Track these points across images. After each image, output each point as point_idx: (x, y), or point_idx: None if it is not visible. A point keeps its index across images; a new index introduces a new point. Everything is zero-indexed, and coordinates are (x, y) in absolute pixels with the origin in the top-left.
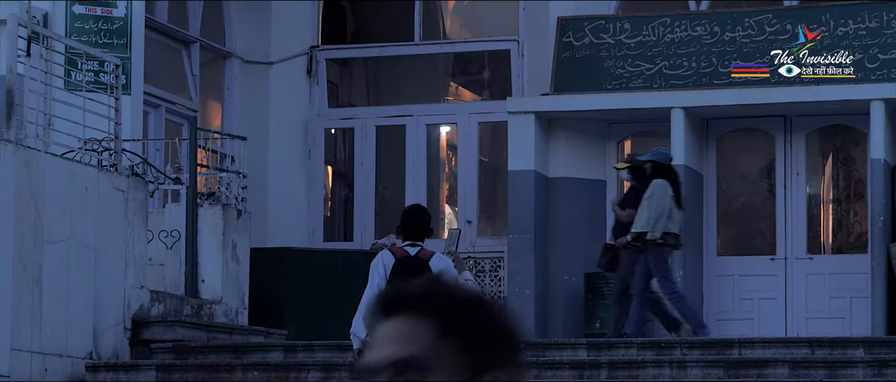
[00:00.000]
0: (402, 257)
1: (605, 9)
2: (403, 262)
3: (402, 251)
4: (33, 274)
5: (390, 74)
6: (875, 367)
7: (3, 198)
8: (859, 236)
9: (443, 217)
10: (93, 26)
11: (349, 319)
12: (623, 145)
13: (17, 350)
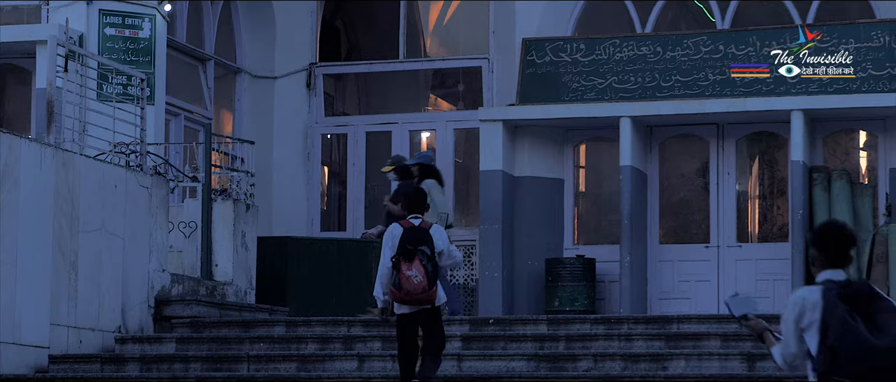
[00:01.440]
0: (409, 227)
1: (563, 31)
2: (410, 231)
3: (408, 223)
4: (70, 260)
5: (378, 87)
6: None
7: (43, 194)
8: (781, 227)
9: None
10: (122, 46)
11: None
12: (579, 149)
13: (55, 324)
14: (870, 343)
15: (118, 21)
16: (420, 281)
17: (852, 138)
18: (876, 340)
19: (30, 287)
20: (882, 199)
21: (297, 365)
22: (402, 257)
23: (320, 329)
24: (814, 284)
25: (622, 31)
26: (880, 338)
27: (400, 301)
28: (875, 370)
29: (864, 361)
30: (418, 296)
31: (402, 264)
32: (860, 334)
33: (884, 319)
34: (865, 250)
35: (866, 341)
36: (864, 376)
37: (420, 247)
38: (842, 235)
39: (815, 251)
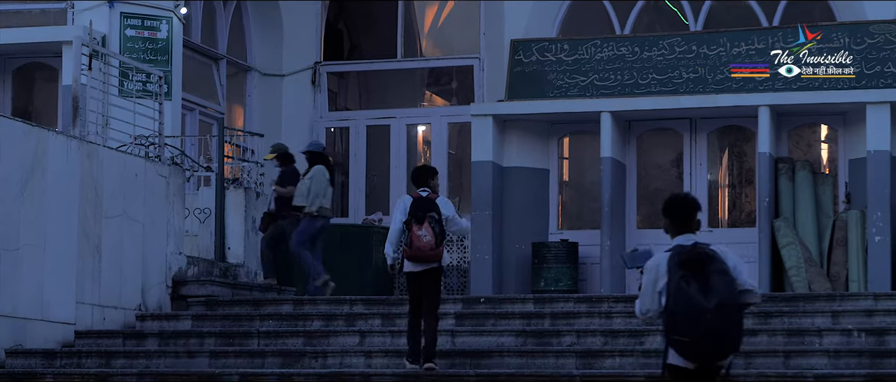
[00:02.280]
0: (417, 198)
1: (548, 32)
2: (418, 201)
3: (417, 194)
4: (94, 243)
5: (378, 84)
6: (762, 317)
7: (70, 183)
8: (749, 213)
9: None
10: (141, 46)
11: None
12: (563, 141)
13: (81, 303)
14: (700, 306)
15: (138, 23)
16: (429, 240)
17: (815, 131)
18: (705, 301)
19: (57, 268)
20: (842, 188)
21: (303, 341)
22: (414, 220)
23: (325, 307)
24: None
25: (603, 33)
26: (709, 299)
27: (411, 258)
28: (706, 328)
29: (697, 322)
30: (427, 254)
31: (413, 226)
32: (692, 297)
33: (715, 281)
34: (827, 235)
35: (697, 304)
36: (698, 335)
37: (429, 213)
38: (686, 203)
39: (667, 220)
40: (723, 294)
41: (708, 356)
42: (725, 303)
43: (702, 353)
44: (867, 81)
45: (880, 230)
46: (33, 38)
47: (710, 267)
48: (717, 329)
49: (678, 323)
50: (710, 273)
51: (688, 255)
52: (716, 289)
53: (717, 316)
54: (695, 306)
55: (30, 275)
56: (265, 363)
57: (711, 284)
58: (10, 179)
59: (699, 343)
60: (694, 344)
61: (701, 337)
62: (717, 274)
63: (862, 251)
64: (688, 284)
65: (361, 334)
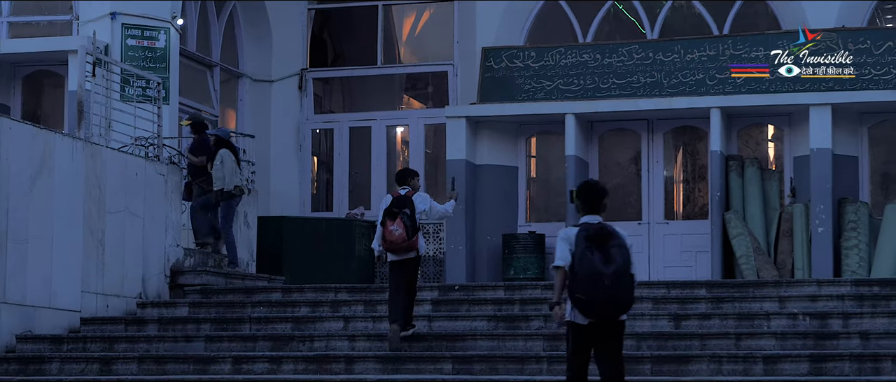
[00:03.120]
0: (397, 196)
1: (516, 41)
2: (397, 198)
3: (397, 192)
4: (97, 237)
5: (359, 89)
6: (714, 302)
7: (75, 181)
8: (702, 207)
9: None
10: (141, 54)
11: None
12: (530, 141)
13: (86, 292)
14: (600, 272)
15: (138, 33)
16: (400, 234)
17: (762, 131)
18: (605, 268)
19: (64, 260)
20: (787, 183)
21: (292, 326)
22: (387, 217)
23: (311, 294)
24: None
25: (567, 41)
26: (608, 267)
27: (388, 249)
28: (604, 290)
29: (597, 284)
30: (400, 245)
31: (387, 222)
32: (594, 263)
33: (614, 253)
34: (773, 227)
35: (598, 270)
36: (596, 293)
37: (403, 210)
38: (595, 190)
39: (578, 202)
40: (620, 263)
41: (604, 314)
42: (621, 271)
43: (600, 312)
44: (810, 85)
45: (823, 221)
46: (41, 47)
47: (611, 241)
48: (612, 292)
49: (580, 284)
50: (611, 246)
51: (594, 231)
52: (614, 260)
53: (613, 281)
54: (596, 272)
55: (38, 267)
56: (256, 346)
57: (611, 255)
58: (20, 178)
59: (598, 302)
60: (592, 304)
61: (599, 298)
62: (616, 247)
63: (806, 241)
64: (592, 254)
65: (345, 319)
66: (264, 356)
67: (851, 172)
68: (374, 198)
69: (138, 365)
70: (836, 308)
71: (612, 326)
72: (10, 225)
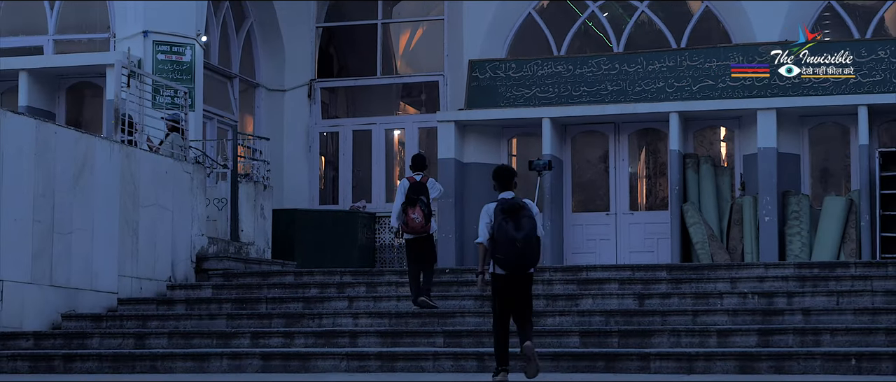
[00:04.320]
0: (413, 182)
1: (499, 54)
2: (414, 185)
3: (413, 178)
4: (132, 227)
5: (361, 97)
6: (673, 283)
7: (112, 178)
8: (662, 199)
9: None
10: (170, 67)
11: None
12: (511, 142)
13: (122, 276)
14: (513, 237)
15: (167, 49)
16: (419, 221)
17: (715, 132)
18: (516, 233)
19: (103, 248)
20: (737, 178)
21: (302, 305)
22: (408, 204)
23: (320, 277)
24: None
25: (543, 54)
26: (519, 232)
27: (407, 232)
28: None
29: (510, 246)
30: (419, 229)
31: (408, 209)
32: (508, 230)
33: (524, 222)
34: (726, 216)
35: (512, 235)
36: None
37: (420, 197)
38: (507, 172)
39: (495, 183)
40: (528, 230)
41: (516, 267)
42: (529, 236)
43: (513, 266)
44: (760, 91)
45: (769, 212)
46: (83, 62)
47: (521, 212)
48: (522, 251)
49: (499, 247)
50: (521, 216)
51: (508, 205)
52: (523, 227)
53: (523, 245)
54: (510, 237)
55: (80, 254)
56: (272, 323)
57: (522, 224)
58: (65, 176)
59: (511, 260)
60: (508, 261)
61: (513, 257)
62: (526, 217)
63: (754, 229)
64: (506, 223)
65: (350, 299)
66: (279, 331)
67: (794, 168)
68: (375, 193)
69: (168, 340)
70: (781, 288)
71: (523, 277)
72: (56, 218)
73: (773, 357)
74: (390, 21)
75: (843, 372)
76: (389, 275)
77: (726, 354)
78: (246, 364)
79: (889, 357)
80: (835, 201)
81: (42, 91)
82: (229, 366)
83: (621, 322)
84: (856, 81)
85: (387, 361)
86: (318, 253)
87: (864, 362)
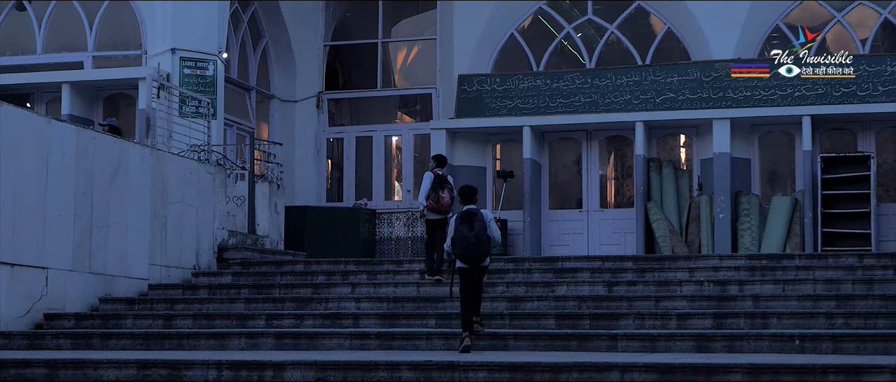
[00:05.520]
0: (437, 175)
1: (485, 69)
2: (439, 176)
3: (436, 172)
4: (161, 221)
5: (363, 107)
6: (638, 272)
7: (144, 178)
8: (629, 198)
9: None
10: (194, 80)
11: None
12: (496, 147)
13: (152, 264)
14: (467, 236)
15: (192, 64)
16: (448, 200)
17: (676, 139)
18: (469, 234)
19: (135, 240)
20: (695, 180)
21: (311, 290)
22: (439, 187)
23: (326, 266)
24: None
25: (524, 70)
26: (470, 233)
27: (434, 210)
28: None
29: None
30: (445, 208)
31: (439, 190)
32: (463, 231)
33: (475, 225)
34: (685, 213)
35: (465, 234)
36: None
37: (446, 185)
38: (468, 191)
39: (459, 197)
40: (477, 230)
41: (470, 260)
42: (478, 234)
43: (468, 260)
44: (715, 103)
45: (723, 210)
46: (118, 75)
47: (474, 219)
48: (473, 248)
49: (456, 244)
50: (474, 221)
51: (465, 214)
52: (474, 228)
53: (474, 240)
54: (464, 236)
55: (116, 245)
56: (284, 306)
57: (473, 226)
58: (102, 176)
59: (466, 254)
60: (463, 255)
61: (466, 252)
62: (477, 222)
63: (710, 225)
64: (462, 226)
65: (352, 286)
66: (290, 313)
67: (745, 171)
68: (375, 192)
69: (193, 321)
70: (734, 276)
71: (477, 268)
72: (94, 213)
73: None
74: (389, 40)
75: (788, 352)
76: (388, 265)
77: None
78: (261, 343)
79: (829, 338)
80: (781, 200)
81: (82, 101)
82: (246, 344)
83: (592, 307)
84: (801, 95)
85: (385, 340)
86: (324, 245)
87: (806, 342)
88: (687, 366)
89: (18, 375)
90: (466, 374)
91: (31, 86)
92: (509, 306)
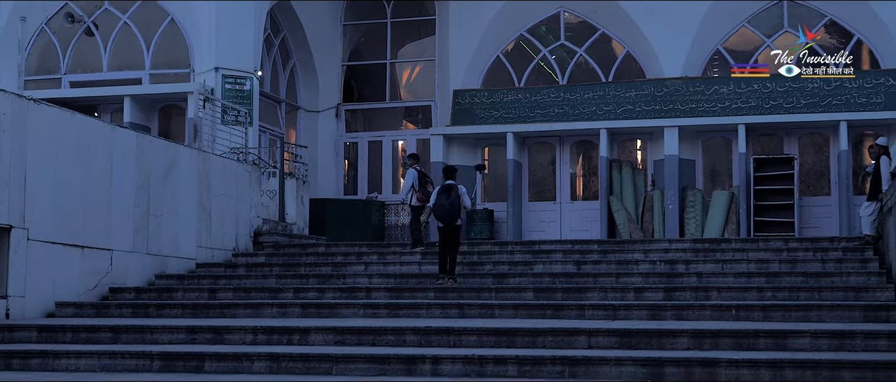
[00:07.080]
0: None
1: (475, 85)
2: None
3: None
4: (207, 211)
5: (375, 116)
6: (602, 253)
7: (192, 176)
8: (594, 192)
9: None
10: (234, 94)
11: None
12: (484, 150)
13: (199, 246)
14: (443, 203)
15: (232, 80)
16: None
17: (633, 143)
18: (445, 201)
19: (186, 226)
20: (649, 177)
21: (331, 268)
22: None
23: (344, 248)
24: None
25: (507, 86)
26: (447, 200)
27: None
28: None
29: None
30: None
31: (426, 185)
32: (441, 200)
33: (452, 194)
34: (641, 205)
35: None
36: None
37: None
38: (449, 170)
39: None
40: (453, 199)
41: (446, 220)
42: (453, 203)
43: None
44: (666, 113)
45: (672, 202)
46: (170, 90)
47: (452, 191)
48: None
49: (435, 209)
50: (451, 192)
51: (444, 187)
52: (451, 197)
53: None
54: (441, 204)
55: (169, 230)
56: (309, 281)
57: (450, 196)
58: (157, 173)
59: (443, 216)
60: (440, 217)
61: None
62: (453, 192)
63: (661, 214)
64: (440, 196)
65: (365, 264)
66: (313, 287)
67: (691, 170)
68: (384, 187)
69: (233, 293)
70: (681, 257)
71: (451, 227)
72: (151, 204)
73: (675, 308)
74: (396, 61)
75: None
76: (395, 247)
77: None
78: (289, 312)
79: (759, 308)
80: (720, 194)
81: (141, 111)
82: (277, 313)
83: (564, 282)
84: (737, 106)
85: (393, 310)
86: (342, 231)
87: (741, 312)
88: (642, 331)
89: (88, 338)
90: (460, 337)
91: (98, 99)
92: (495, 281)
